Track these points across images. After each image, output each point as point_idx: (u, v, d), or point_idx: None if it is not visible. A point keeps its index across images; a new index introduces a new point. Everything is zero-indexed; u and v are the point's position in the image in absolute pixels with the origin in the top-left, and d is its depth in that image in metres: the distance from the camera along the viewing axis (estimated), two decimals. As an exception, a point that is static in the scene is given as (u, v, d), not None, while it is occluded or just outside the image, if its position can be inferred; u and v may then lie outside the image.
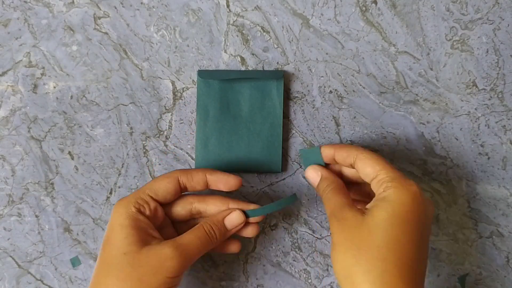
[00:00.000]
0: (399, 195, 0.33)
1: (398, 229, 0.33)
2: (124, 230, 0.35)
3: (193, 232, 0.37)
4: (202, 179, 0.38)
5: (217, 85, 0.43)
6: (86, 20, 0.44)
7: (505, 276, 0.44)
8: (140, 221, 0.36)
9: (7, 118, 0.44)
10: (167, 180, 0.38)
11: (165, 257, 0.34)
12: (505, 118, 0.44)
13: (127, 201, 0.36)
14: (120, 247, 0.34)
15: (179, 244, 0.35)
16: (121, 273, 0.34)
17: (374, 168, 0.36)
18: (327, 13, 0.44)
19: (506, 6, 0.43)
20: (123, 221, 0.35)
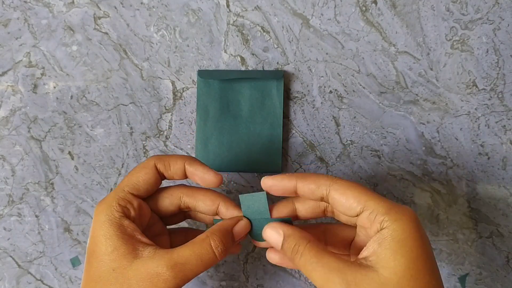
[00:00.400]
0: (406, 228, 0.28)
1: (423, 272, 0.27)
2: (110, 242, 0.31)
3: (195, 248, 0.31)
4: (180, 169, 0.34)
5: (217, 85, 0.43)
6: (86, 20, 0.44)
7: (505, 276, 0.44)
8: (125, 227, 0.31)
9: (7, 118, 0.44)
10: (144, 171, 0.33)
11: (158, 278, 0.29)
12: (505, 118, 0.44)
13: (107, 205, 0.32)
14: (108, 262, 0.30)
15: (176, 263, 0.30)
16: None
17: (358, 199, 0.30)
18: (327, 13, 0.44)
19: (506, 6, 0.43)
20: (107, 231, 0.31)
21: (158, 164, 0.34)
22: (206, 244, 0.31)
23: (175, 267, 0.30)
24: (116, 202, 0.32)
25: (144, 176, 0.33)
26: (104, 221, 0.31)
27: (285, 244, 0.31)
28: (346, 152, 0.44)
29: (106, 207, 0.32)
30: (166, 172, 0.34)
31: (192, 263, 0.30)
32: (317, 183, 0.31)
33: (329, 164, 0.44)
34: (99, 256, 0.31)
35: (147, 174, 0.33)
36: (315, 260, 0.29)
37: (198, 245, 0.31)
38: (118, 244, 0.31)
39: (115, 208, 0.32)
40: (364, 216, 0.30)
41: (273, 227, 0.33)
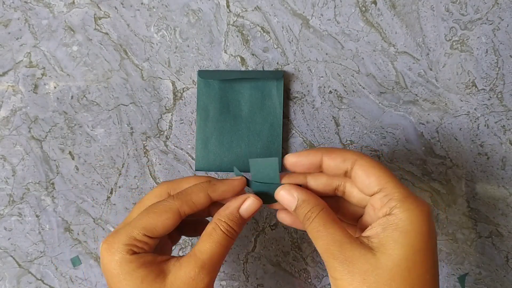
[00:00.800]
0: (414, 220, 0.28)
1: (420, 266, 0.28)
2: (134, 275, 0.30)
3: (211, 239, 0.31)
4: (205, 200, 0.33)
5: (217, 85, 0.43)
6: (86, 20, 0.44)
7: (504, 276, 0.44)
8: (143, 257, 0.30)
9: (7, 118, 0.44)
10: (165, 216, 0.31)
11: (195, 282, 0.30)
12: (504, 118, 0.44)
13: (118, 246, 0.30)
14: None
15: (203, 262, 0.30)
16: None
17: (379, 179, 0.30)
18: (327, 14, 0.44)
19: (506, 6, 0.43)
20: (126, 267, 0.30)
21: (182, 208, 0.32)
22: (218, 231, 0.32)
23: (204, 264, 0.30)
24: (130, 243, 0.31)
25: (164, 221, 0.31)
26: (117, 261, 0.30)
27: (298, 209, 0.32)
28: (346, 152, 0.44)
29: (117, 247, 0.30)
30: (192, 211, 0.32)
31: (216, 253, 0.31)
32: (344, 157, 0.31)
33: (329, 164, 0.44)
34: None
35: (168, 219, 0.31)
36: (322, 229, 0.30)
37: (213, 234, 0.32)
38: (145, 273, 0.30)
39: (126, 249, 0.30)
40: (378, 197, 0.30)
41: (288, 189, 0.33)
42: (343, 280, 0.28)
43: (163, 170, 0.44)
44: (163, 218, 0.31)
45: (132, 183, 0.44)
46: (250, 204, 0.33)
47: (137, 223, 0.31)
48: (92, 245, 0.45)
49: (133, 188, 0.44)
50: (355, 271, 0.28)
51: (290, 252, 0.45)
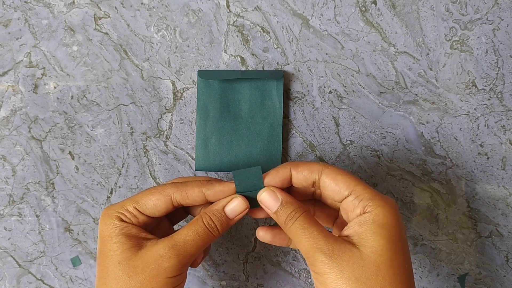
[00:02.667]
0: (387, 214, 0.30)
1: (399, 255, 0.30)
2: (115, 239, 0.33)
3: (191, 227, 0.34)
4: (199, 196, 0.35)
5: (217, 85, 0.43)
6: (86, 20, 0.44)
7: (504, 276, 0.44)
8: (129, 227, 0.34)
9: (7, 118, 0.44)
10: (156, 197, 0.34)
11: (162, 259, 0.32)
12: (504, 118, 0.44)
13: (112, 212, 0.34)
14: (113, 257, 0.33)
15: (176, 243, 0.33)
16: (118, 284, 0.32)
17: (347, 184, 0.32)
18: (326, 14, 0.44)
19: (506, 6, 0.43)
20: (112, 231, 0.33)
21: (175, 194, 0.34)
22: (199, 221, 0.34)
23: (176, 246, 0.32)
24: (121, 212, 0.34)
25: (156, 201, 0.34)
26: (108, 223, 0.34)
27: (281, 209, 0.33)
28: (346, 152, 0.44)
29: (110, 213, 0.34)
30: (183, 201, 0.35)
31: (191, 239, 0.33)
32: (310, 169, 0.33)
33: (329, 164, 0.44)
34: (105, 254, 0.33)
35: (159, 200, 0.34)
36: (307, 227, 0.31)
37: (193, 224, 0.34)
38: (122, 241, 0.33)
39: (118, 215, 0.34)
40: (349, 200, 0.32)
41: (272, 191, 0.34)
42: (331, 274, 0.29)
43: (163, 170, 0.44)
44: (154, 198, 0.34)
45: (132, 183, 0.44)
46: (236, 205, 0.35)
47: (132, 198, 0.35)
48: (92, 245, 0.45)
49: (133, 188, 0.44)
50: (344, 264, 0.29)
51: (290, 252, 0.45)
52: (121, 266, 0.32)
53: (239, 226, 0.45)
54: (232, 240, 0.45)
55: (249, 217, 0.45)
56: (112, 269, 0.32)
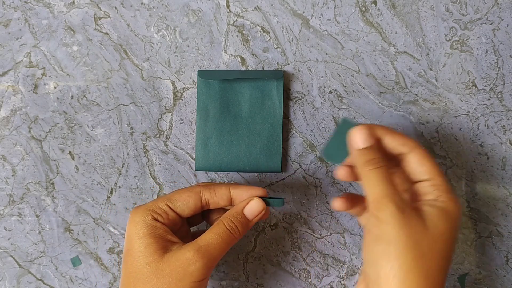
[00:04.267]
0: (455, 209, 0.33)
1: (451, 243, 0.32)
2: (143, 240, 0.34)
3: (213, 230, 0.35)
4: (225, 194, 0.37)
5: (217, 85, 0.43)
6: (86, 20, 0.44)
7: (504, 276, 0.44)
8: (157, 228, 0.35)
9: (7, 118, 0.44)
10: (188, 194, 0.36)
11: (188, 262, 0.33)
12: (504, 118, 0.44)
13: (144, 209, 0.35)
14: (141, 258, 0.34)
15: (200, 246, 0.34)
16: (146, 284, 0.33)
17: (431, 169, 0.34)
18: (326, 14, 0.44)
19: (506, 6, 0.43)
20: (140, 230, 0.34)
21: (204, 192, 0.36)
22: (221, 225, 0.36)
23: (200, 249, 0.34)
24: (153, 209, 0.35)
25: (187, 198, 0.36)
26: (138, 221, 0.35)
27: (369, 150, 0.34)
28: (346, 152, 0.44)
29: (142, 210, 0.35)
30: (211, 199, 0.37)
31: (214, 242, 0.35)
32: (404, 142, 0.34)
33: (329, 164, 0.44)
34: (133, 254, 0.34)
35: (190, 197, 0.36)
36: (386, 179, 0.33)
37: (215, 227, 0.36)
38: (150, 242, 0.34)
39: (150, 212, 0.35)
40: (426, 185, 0.34)
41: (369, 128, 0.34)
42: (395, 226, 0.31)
43: (163, 170, 0.44)
44: (185, 195, 0.36)
45: (132, 183, 0.44)
46: (253, 205, 0.37)
47: (164, 196, 0.37)
48: (92, 245, 0.45)
49: (133, 188, 0.44)
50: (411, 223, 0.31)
51: (290, 252, 0.45)
52: (149, 268, 0.33)
53: (239, 226, 0.45)
54: (232, 240, 0.45)
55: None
56: (140, 269, 0.33)
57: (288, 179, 0.45)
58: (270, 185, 0.45)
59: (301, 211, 0.45)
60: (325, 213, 0.44)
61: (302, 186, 0.45)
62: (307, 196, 0.45)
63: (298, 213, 0.45)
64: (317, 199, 0.45)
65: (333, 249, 0.44)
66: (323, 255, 0.45)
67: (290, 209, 0.45)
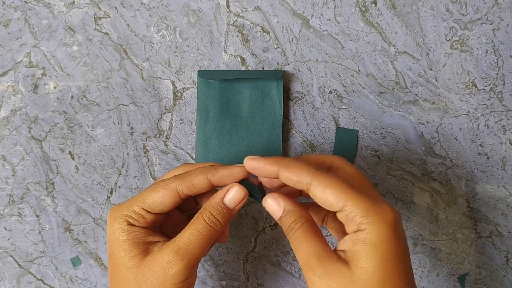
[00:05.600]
0: (380, 232, 0.29)
1: (393, 274, 0.29)
2: (122, 246, 0.33)
3: (193, 227, 0.33)
4: (205, 184, 0.33)
5: (217, 85, 0.43)
6: (86, 20, 0.44)
7: (504, 276, 0.44)
8: (135, 232, 0.33)
9: (7, 118, 0.44)
10: (163, 193, 0.33)
11: (168, 265, 0.32)
12: (504, 118, 0.44)
13: (119, 215, 0.33)
14: (122, 263, 0.33)
15: (180, 247, 0.32)
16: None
17: (338, 198, 0.30)
18: (326, 14, 0.44)
19: (506, 6, 0.43)
20: (119, 237, 0.33)
21: (180, 187, 0.33)
22: (200, 220, 0.33)
23: (180, 250, 0.32)
24: (129, 214, 0.33)
25: (161, 198, 0.33)
26: (116, 228, 0.33)
27: (283, 218, 0.33)
28: (346, 152, 0.44)
29: (117, 215, 0.33)
30: (191, 192, 0.33)
31: (194, 240, 0.32)
32: (299, 176, 0.31)
33: (329, 164, 0.44)
34: (114, 260, 0.33)
35: (165, 196, 0.33)
36: (303, 241, 0.31)
37: (194, 223, 0.33)
38: (129, 248, 0.33)
39: (126, 218, 0.33)
40: (342, 215, 0.30)
41: (275, 198, 0.33)
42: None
43: (163, 170, 0.44)
44: (160, 195, 0.33)
45: (132, 183, 0.44)
46: (234, 194, 0.34)
47: (139, 197, 0.34)
48: (92, 245, 0.45)
49: (133, 188, 0.44)
50: (333, 285, 0.29)
51: (290, 252, 0.45)
52: (130, 274, 0.32)
53: (239, 226, 0.45)
54: (232, 240, 0.45)
55: (250, 217, 0.45)
56: (122, 275, 0.33)
57: (288, 179, 0.45)
58: (270, 185, 0.45)
59: (301, 211, 0.45)
60: (325, 213, 0.44)
61: (302, 186, 0.45)
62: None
63: (298, 213, 0.45)
64: (317, 199, 0.44)
65: (333, 249, 0.44)
66: (323, 255, 0.44)
67: (290, 209, 0.44)
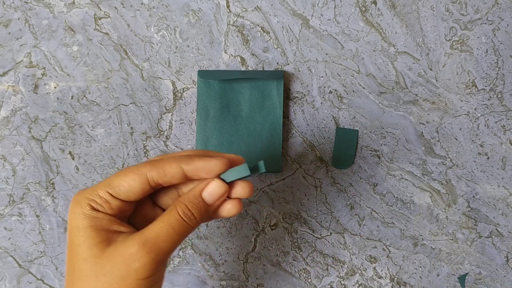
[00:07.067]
0: None
1: None
2: (82, 233, 0.29)
3: (164, 219, 0.30)
4: (178, 173, 0.30)
5: (217, 85, 0.43)
6: (86, 20, 0.44)
7: (504, 276, 0.44)
8: (99, 219, 0.30)
9: (8, 118, 0.44)
10: (131, 177, 0.30)
11: (132, 258, 0.28)
12: (504, 118, 0.44)
13: (82, 198, 0.30)
14: (79, 252, 0.29)
15: (147, 239, 0.29)
16: (85, 283, 0.29)
17: None
18: (327, 14, 0.44)
19: (506, 6, 0.43)
20: (80, 223, 0.29)
21: (150, 172, 0.30)
22: (174, 212, 0.30)
23: (146, 242, 0.29)
24: (91, 198, 0.30)
25: (130, 182, 0.30)
26: (77, 213, 0.29)
27: None
28: (346, 152, 0.44)
29: (81, 200, 0.30)
30: (161, 179, 0.30)
31: (164, 234, 0.29)
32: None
33: (329, 164, 0.44)
34: (72, 248, 0.30)
35: (134, 180, 0.30)
36: None
37: (167, 215, 0.30)
38: (90, 235, 0.29)
39: (88, 202, 0.30)
40: None
41: None
42: None
43: (163, 170, 0.44)
44: (128, 179, 0.30)
45: (132, 183, 0.44)
46: (213, 188, 0.31)
47: (105, 181, 0.30)
48: (92, 245, 0.45)
49: (133, 188, 0.44)
50: None
51: (290, 252, 0.45)
52: (87, 264, 0.29)
53: (239, 226, 0.45)
54: (232, 240, 0.45)
55: (250, 217, 0.45)
56: (79, 266, 0.29)
57: (288, 179, 0.45)
58: (270, 185, 0.45)
59: (301, 211, 0.45)
60: (325, 213, 0.44)
61: (302, 186, 0.45)
62: (307, 196, 0.45)
63: (298, 213, 0.45)
64: (317, 199, 0.44)
65: (333, 249, 0.44)
66: (323, 255, 0.45)
67: (290, 209, 0.45)
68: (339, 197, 0.44)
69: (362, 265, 0.45)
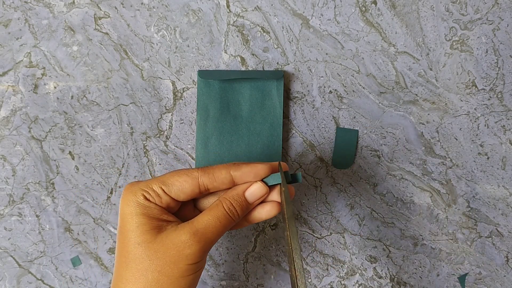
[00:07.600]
0: None
1: None
2: (135, 219, 0.32)
3: (211, 212, 0.33)
4: (227, 178, 0.34)
5: (217, 85, 0.43)
6: (86, 20, 0.44)
7: (504, 276, 0.44)
8: (151, 208, 0.33)
9: (7, 118, 0.44)
10: (184, 178, 0.33)
11: (183, 245, 0.32)
12: (504, 118, 0.44)
13: (136, 189, 0.33)
14: (133, 237, 0.32)
15: (197, 229, 0.32)
16: (139, 265, 0.32)
17: None
18: (327, 14, 0.44)
19: (506, 6, 0.43)
20: (133, 209, 0.32)
21: (202, 177, 0.34)
22: (220, 207, 0.34)
23: (197, 232, 0.32)
24: (146, 190, 0.33)
25: (182, 183, 0.33)
26: (130, 200, 0.33)
27: None
28: (346, 152, 0.44)
29: (134, 189, 0.33)
30: (211, 185, 0.34)
31: (212, 225, 0.33)
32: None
33: (329, 164, 0.44)
34: (125, 233, 0.32)
35: (186, 182, 0.33)
36: None
37: (214, 209, 0.34)
38: (143, 221, 0.32)
39: (142, 193, 0.33)
40: None
41: None
42: None
43: (163, 170, 0.44)
44: (181, 179, 0.33)
45: (132, 183, 0.44)
46: (256, 188, 0.35)
47: (159, 178, 0.34)
48: (92, 245, 0.45)
49: (133, 188, 0.44)
50: None
51: (290, 252, 0.45)
52: (141, 248, 0.32)
53: (239, 226, 0.45)
54: (232, 240, 0.45)
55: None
56: (132, 249, 0.32)
57: (288, 179, 0.45)
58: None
59: (301, 211, 0.45)
60: (325, 213, 0.44)
61: (302, 186, 0.45)
62: (307, 196, 0.45)
63: (298, 213, 0.45)
64: (317, 199, 0.45)
65: (333, 249, 0.44)
66: (323, 255, 0.45)
67: (290, 209, 0.44)
68: (339, 197, 0.44)
69: (362, 265, 0.45)
